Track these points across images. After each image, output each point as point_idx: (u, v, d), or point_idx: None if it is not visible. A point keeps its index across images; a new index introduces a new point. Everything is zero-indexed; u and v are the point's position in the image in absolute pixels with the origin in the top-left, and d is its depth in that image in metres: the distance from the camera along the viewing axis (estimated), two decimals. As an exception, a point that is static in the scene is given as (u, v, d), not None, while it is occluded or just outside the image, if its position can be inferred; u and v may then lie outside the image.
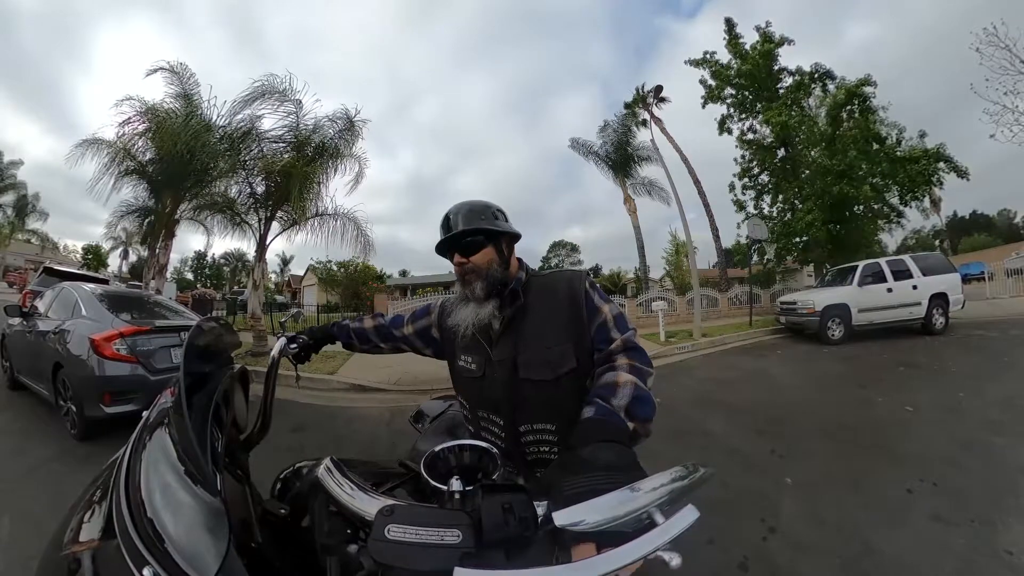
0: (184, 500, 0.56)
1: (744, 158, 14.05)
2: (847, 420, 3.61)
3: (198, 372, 0.89)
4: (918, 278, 7.89)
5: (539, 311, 0.99)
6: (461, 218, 0.99)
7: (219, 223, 8.36)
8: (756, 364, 6.35)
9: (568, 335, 0.95)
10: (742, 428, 3.51)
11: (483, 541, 0.50)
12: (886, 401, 4.11)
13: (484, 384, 1.02)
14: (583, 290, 0.98)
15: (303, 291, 30.03)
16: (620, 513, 0.52)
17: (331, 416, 4.24)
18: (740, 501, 2.32)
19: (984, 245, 33.97)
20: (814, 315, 7.74)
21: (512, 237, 1.05)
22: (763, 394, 4.62)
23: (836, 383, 5.04)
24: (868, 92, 11.33)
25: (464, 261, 1.00)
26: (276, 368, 1.16)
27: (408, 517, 0.51)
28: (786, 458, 2.91)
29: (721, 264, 16.08)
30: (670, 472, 0.59)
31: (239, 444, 1.01)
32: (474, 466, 0.75)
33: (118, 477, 0.63)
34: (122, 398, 3.21)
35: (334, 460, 0.69)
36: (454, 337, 1.08)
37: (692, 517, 0.50)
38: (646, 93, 16.60)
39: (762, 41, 12.84)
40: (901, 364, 5.69)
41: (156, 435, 0.69)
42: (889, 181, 11.19)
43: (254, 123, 7.25)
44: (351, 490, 0.63)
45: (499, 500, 0.54)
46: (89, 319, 3.56)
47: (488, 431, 1.04)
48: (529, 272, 1.08)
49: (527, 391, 0.96)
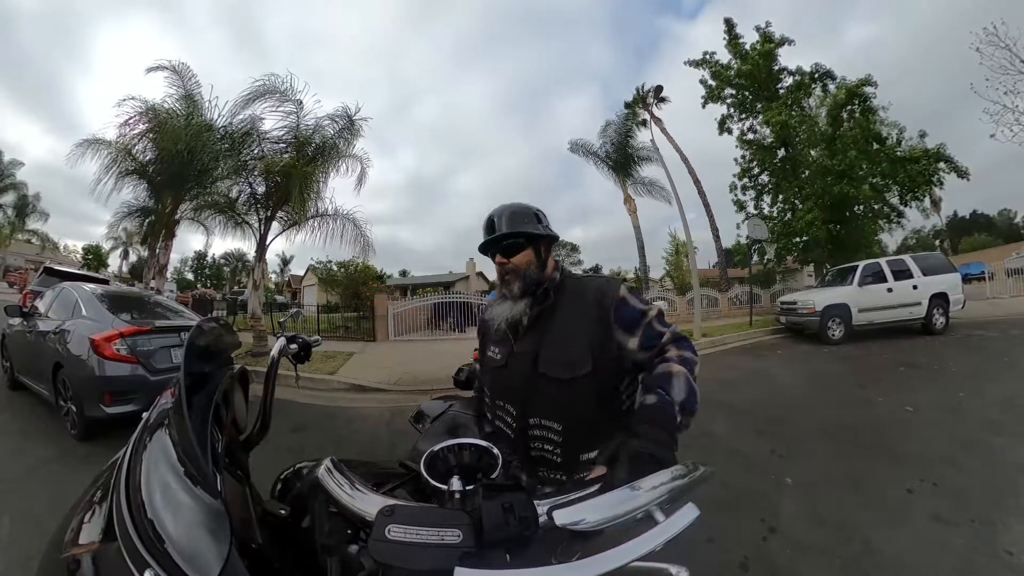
0: (184, 501, 0.55)
1: (744, 158, 14.07)
2: (847, 420, 3.61)
3: (198, 373, 0.89)
4: (918, 278, 7.88)
5: (567, 311, 1.03)
6: (505, 220, 1.04)
7: (219, 223, 8.37)
8: (756, 364, 6.36)
9: (589, 339, 0.98)
10: (743, 428, 3.51)
11: (484, 541, 0.50)
12: (886, 401, 4.11)
13: (505, 374, 1.08)
14: (615, 298, 1.00)
15: (303, 291, 30.03)
16: (620, 512, 0.52)
17: (331, 416, 4.24)
18: (740, 501, 2.32)
19: (984, 245, 33.96)
20: (814, 315, 7.74)
21: (551, 240, 1.10)
22: (763, 394, 4.63)
23: (836, 383, 5.05)
24: (868, 92, 11.34)
25: (505, 261, 1.05)
26: (276, 368, 1.16)
27: (408, 517, 0.51)
28: (786, 458, 2.91)
29: (721, 264, 16.09)
30: (670, 471, 0.60)
31: (239, 444, 1.01)
32: (474, 465, 0.75)
33: (118, 478, 0.62)
34: (122, 398, 3.21)
35: (334, 460, 0.69)
36: (488, 331, 1.17)
37: (692, 515, 0.50)
38: (646, 93, 16.60)
39: (762, 41, 12.86)
40: (901, 364, 5.70)
41: (156, 436, 0.68)
42: (889, 181, 11.20)
43: (255, 123, 7.26)
44: (351, 490, 0.63)
45: (499, 500, 0.54)
46: (89, 319, 3.56)
47: (502, 420, 1.09)
48: (564, 273, 1.12)
49: (543, 386, 0.99)
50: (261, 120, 7.26)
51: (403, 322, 10.02)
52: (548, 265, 1.09)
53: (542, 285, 1.05)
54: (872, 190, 11.05)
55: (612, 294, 1.00)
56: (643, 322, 0.97)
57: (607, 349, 0.97)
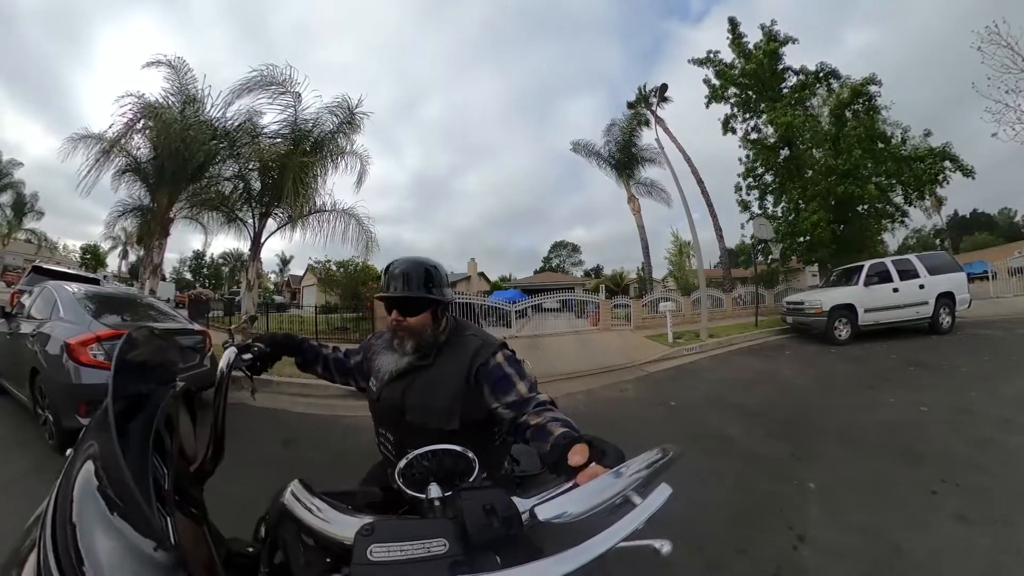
0: (125, 556, 0.44)
1: (748, 158, 14.04)
2: (862, 421, 3.60)
3: (132, 394, 0.76)
4: (924, 277, 7.87)
5: (440, 367, 1.06)
6: (404, 282, 1.05)
7: (215, 221, 8.25)
8: (766, 365, 6.35)
9: (455, 396, 1.01)
10: (759, 431, 3.50)
11: (471, 545, 0.49)
12: (899, 401, 4.10)
13: (379, 407, 1.13)
14: (491, 362, 1.03)
15: (303, 291, 29.96)
16: (599, 500, 0.53)
17: (328, 426, 3.87)
18: (766, 509, 2.30)
19: (985, 244, 33.96)
20: (821, 315, 7.72)
21: (447, 304, 1.12)
22: (775, 396, 4.63)
23: (847, 384, 5.04)
24: (873, 91, 11.34)
25: (401, 320, 1.06)
26: (227, 384, 1.04)
27: (390, 533, 0.49)
28: (805, 461, 2.90)
29: (725, 264, 16.09)
30: (643, 457, 0.62)
31: (190, 477, 0.87)
32: (451, 470, 0.73)
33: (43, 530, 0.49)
34: (99, 408, 3.02)
35: (302, 482, 0.64)
36: (371, 358, 1.20)
37: (665, 494, 0.52)
38: (648, 93, 16.59)
39: (766, 40, 12.83)
40: (910, 364, 5.70)
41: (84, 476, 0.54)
42: (894, 180, 11.19)
43: (251, 116, 7.16)
44: (324, 514, 0.58)
45: (480, 501, 0.53)
46: (66, 321, 3.29)
47: (383, 445, 1.13)
48: (454, 329, 1.14)
49: (414, 430, 1.01)
50: (260, 115, 7.16)
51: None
52: (442, 323, 1.11)
53: (432, 346, 1.08)
54: (877, 189, 11.04)
55: (486, 357, 1.03)
56: (514, 388, 0.98)
57: (475, 407, 1.00)
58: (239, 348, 1.13)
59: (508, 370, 1.01)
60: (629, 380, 5.61)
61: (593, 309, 12.67)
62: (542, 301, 12.29)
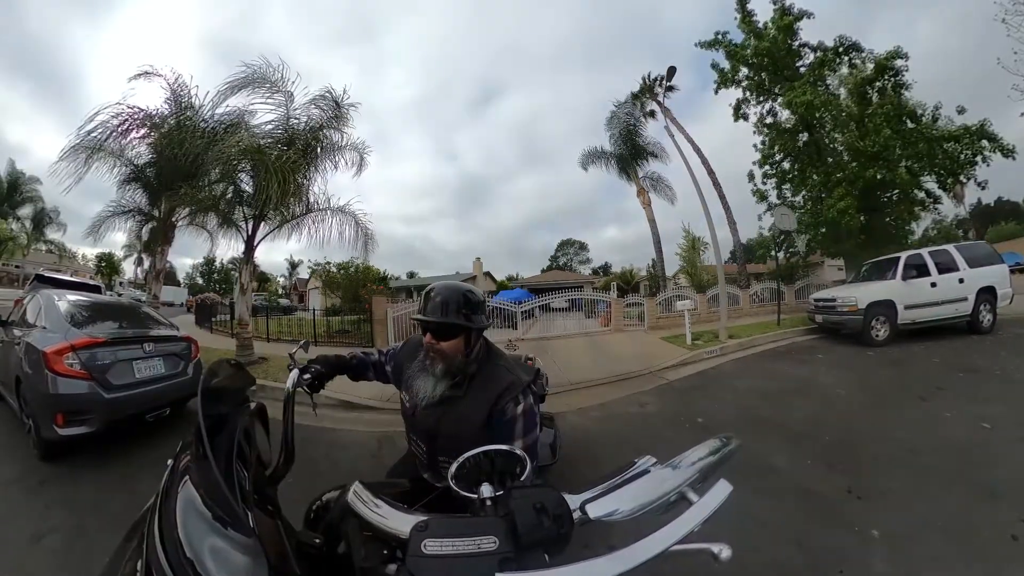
0: (219, 544, 0.55)
1: (764, 144, 13.18)
2: (919, 443, 3.09)
3: (216, 415, 0.85)
4: (964, 270, 7.17)
5: (469, 403, 1.14)
6: (440, 307, 1.11)
7: (215, 226, 8.08)
8: (799, 371, 5.70)
9: (482, 431, 1.10)
10: (806, 458, 2.96)
11: (520, 544, 0.52)
12: (956, 416, 3.57)
13: (413, 421, 1.26)
14: (506, 412, 1.10)
15: (308, 294, 29.97)
16: (652, 498, 0.59)
17: (310, 441, 3.32)
18: (826, 566, 1.87)
19: (1012, 234, 32.37)
20: (856, 313, 7.03)
21: (481, 331, 1.19)
22: (818, 410, 4.03)
23: (893, 394, 4.44)
24: (899, 65, 10.51)
25: (434, 343, 1.13)
26: (292, 401, 1.20)
27: (443, 529, 0.54)
28: (866, 499, 2.41)
29: (740, 258, 15.39)
30: (699, 448, 0.69)
31: (266, 479, 1.01)
32: (502, 470, 0.75)
33: (151, 525, 0.62)
34: (75, 419, 2.89)
35: (362, 483, 0.74)
36: (401, 373, 1.33)
37: (726, 491, 0.57)
38: (652, 81, 15.93)
39: (779, 15, 11.81)
40: (958, 369, 5.10)
41: (183, 482, 0.66)
42: (926, 163, 10.33)
43: (242, 116, 6.91)
44: (382, 511, 0.66)
45: (531, 500, 0.57)
46: (45, 330, 3.29)
47: (416, 446, 1.28)
48: (486, 358, 1.21)
49: (446, 448, 1.14)
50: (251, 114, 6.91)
51: (404, 326, 9.56)
52: (474, 350, 1.17)
53: (463, 372, 1.16)
54: (908, 174, 10.17)
55: (506, 403, 1.10)
56: (509, 441, 0.99)
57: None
58: (300, 370, 1.28)
59: (516, 426, 1.09)
60: (648, 391, 5.07)
61: (604, 309, 12.14)
62: (550, 301, 11.79)
